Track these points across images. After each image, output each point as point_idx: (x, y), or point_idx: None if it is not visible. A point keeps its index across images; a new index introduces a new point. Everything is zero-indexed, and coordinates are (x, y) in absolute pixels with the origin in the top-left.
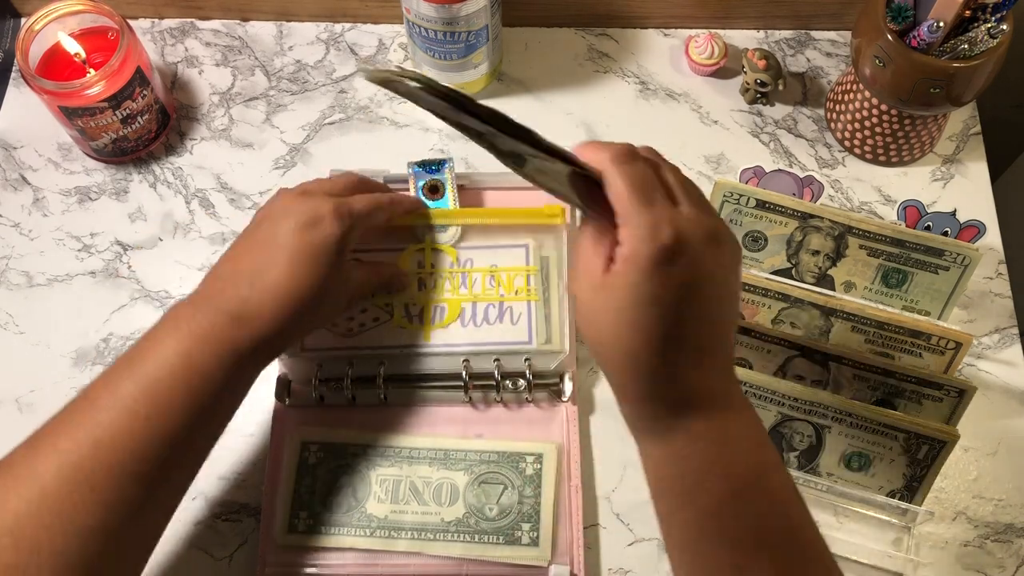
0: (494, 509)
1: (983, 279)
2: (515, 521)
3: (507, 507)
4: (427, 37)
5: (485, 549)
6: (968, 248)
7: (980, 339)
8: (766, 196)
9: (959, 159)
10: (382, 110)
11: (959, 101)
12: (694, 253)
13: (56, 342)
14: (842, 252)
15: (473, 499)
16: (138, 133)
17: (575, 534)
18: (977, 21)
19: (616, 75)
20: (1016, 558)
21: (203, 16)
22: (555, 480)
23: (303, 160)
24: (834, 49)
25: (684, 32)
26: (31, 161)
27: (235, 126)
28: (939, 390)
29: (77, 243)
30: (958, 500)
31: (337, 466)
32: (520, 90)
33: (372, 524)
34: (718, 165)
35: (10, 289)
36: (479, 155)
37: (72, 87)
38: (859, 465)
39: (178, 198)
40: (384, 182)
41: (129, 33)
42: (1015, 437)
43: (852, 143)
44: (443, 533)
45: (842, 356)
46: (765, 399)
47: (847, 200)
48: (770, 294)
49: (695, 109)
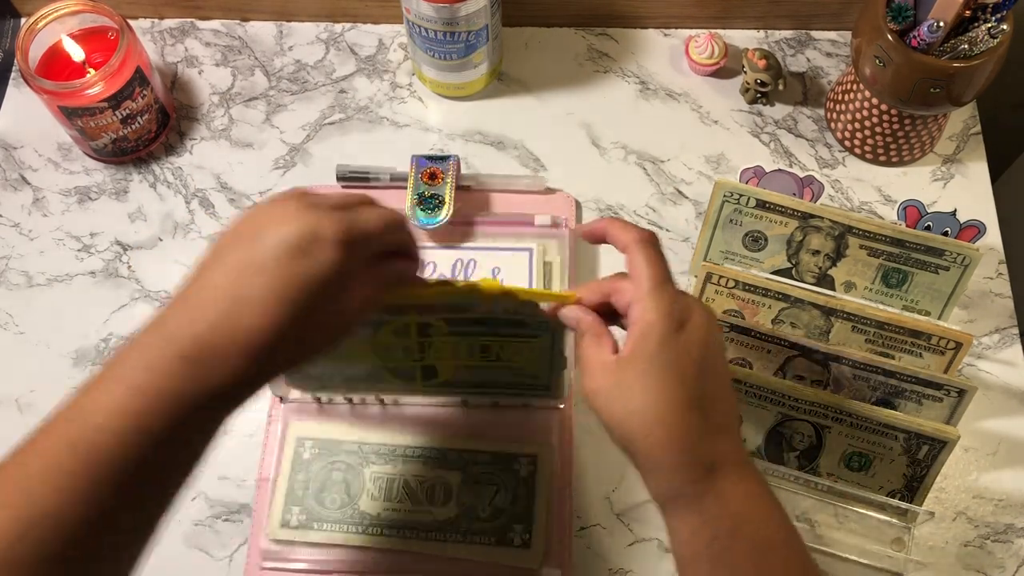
0: (487, 510)
1: (983, 279)
2: (507, 522)
3: (500, 508)
4: (427, 37)
5: (476, 550)
6: (968, 248)
7: (980, 339)
8: (766, 196)
9: (959, 159)
10: (382, 110)
11: (959, 101)
12: (704, 325)
13: (56, 342)
14: (842, 252)
15: (466, 499)
16: (138, 133)
17: (567, 537)
18: (977, 21)
19: (616, 75)
20: (1016, 558)
21: (203, 16)
22: (548, 482)
23: (303, 160)
24: (834, 49)
25: (684, 32)
26: (31, 161)
27: (235, 126)
28: (939, 390)
29: (77, 243)
30: (958, 500)
31: (331, 463)
32: (520, 90)
33: (365, 521)
34: (718, 165)
35: (10, 289)
36: (478, 157)
37: (72, 87)
38: (859, 465)
39: (178, 198)
40: (390, 179)
41: (129, 33)
42: (1015, 437)
43: (852, 143)
44: (435, 532)
45: (842, 356)
46: (765, 399)
47: (847, 200)
48: (770, 294)
49: (695, 109)
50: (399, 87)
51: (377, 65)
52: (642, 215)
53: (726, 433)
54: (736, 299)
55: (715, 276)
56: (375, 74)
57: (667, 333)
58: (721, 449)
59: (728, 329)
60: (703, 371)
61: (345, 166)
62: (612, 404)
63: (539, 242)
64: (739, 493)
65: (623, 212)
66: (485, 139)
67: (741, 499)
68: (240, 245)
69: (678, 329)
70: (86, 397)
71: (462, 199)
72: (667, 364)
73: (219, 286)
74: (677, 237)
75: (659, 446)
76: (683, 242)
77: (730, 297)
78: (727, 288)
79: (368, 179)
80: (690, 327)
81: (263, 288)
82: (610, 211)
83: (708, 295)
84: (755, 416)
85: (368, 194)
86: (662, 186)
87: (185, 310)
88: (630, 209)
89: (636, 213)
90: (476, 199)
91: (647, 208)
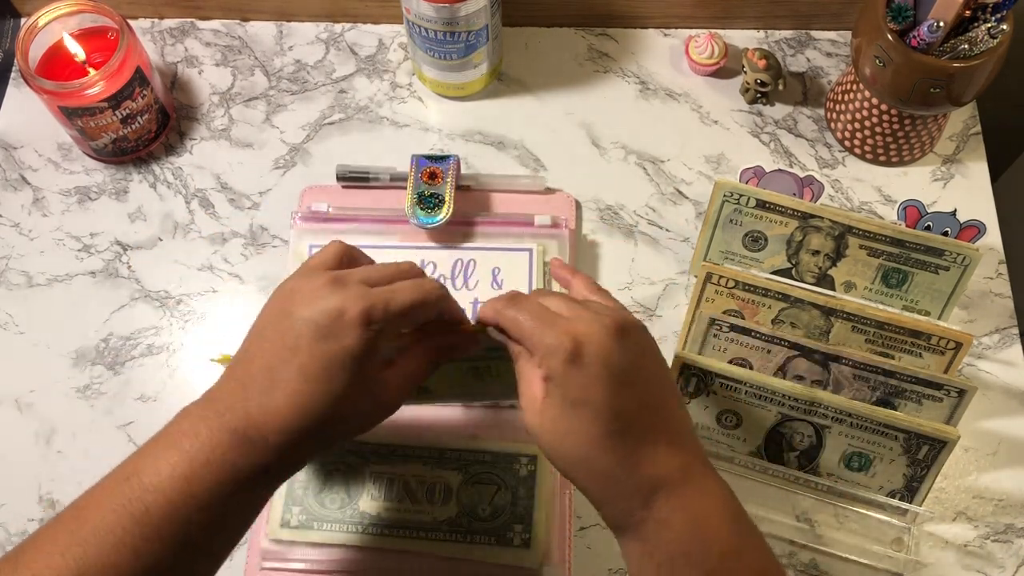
0: (487, 509)
1: (983, 279)
2: (507, 522)
3: (500, 508)
4: (427, 37)
5: (476, 550)
6: (968, 248)
7: (980, 339)
8: (766, 196)
9: (959, 159)
10: (382, 110)
11: (959, 101)
12: (599, 348)
13: (56, 342)
14: (842, 252)
15: (466, 499)
16: (138, 133)
17: (567, 537)
18: (977, 21)
19: (616, 75)
20: (1016, 558)
21: (203, 16)
22: (549, 482)
23: (303, 160)
24: (834, 49)
25: (684, 32)
26: (31, 161)
27: (235, 126)
28: (939, 390)
29: (77, 243)
30: (958, 500)
31: (331, 462)
32: (520, 90)
33: (365, 521)
34: (718, 165)
35: (10, 289)
36: (478, 157)
37: (72, 87)
38: (859, 465)
39: (178, 198)
40: (390, 179)
41: (129, 33)
42: (1015, 437)
43: (852, 143)
44: (435, 532)
45: (842, 356)
46: (765, 399)
47: (847, 200)
48: (770, 294)
49: (695, 109)
50: (399, 87)
51: (377, 65)
52: (642, 215)
53: (667, 445)
54: (736, 299)
55: (715, 276)
56: (375, 74)
57: (566, 373)
58: (660, 470)
59: (728, 329)
60: (616, 392)
61: (345, 166)
62: (543, 444)
63: (539, 242)
64: (681, 519)
65: (623, 212)
66: (485, 139)
67: (684, 524)
68: (276, 322)
69: (574, 361)
70: (141, 459)
71: (462, 199)
72: (576, 402)
73: (260, 365)
74: (677, 237)
75: (590, 484)
76: (683, 242)
77: (730, 297)
78: (727, 288)
79: (368, 179)
80: (588, 353)
81: (293, 368)
82: (610, 211)
83: (708, 295)
84: (755, 416)
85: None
86: (662, 186)
87: (233, 386)
88: (630, 209)
89: (636, 213)
90: (476, 199)
91: (647, 208)
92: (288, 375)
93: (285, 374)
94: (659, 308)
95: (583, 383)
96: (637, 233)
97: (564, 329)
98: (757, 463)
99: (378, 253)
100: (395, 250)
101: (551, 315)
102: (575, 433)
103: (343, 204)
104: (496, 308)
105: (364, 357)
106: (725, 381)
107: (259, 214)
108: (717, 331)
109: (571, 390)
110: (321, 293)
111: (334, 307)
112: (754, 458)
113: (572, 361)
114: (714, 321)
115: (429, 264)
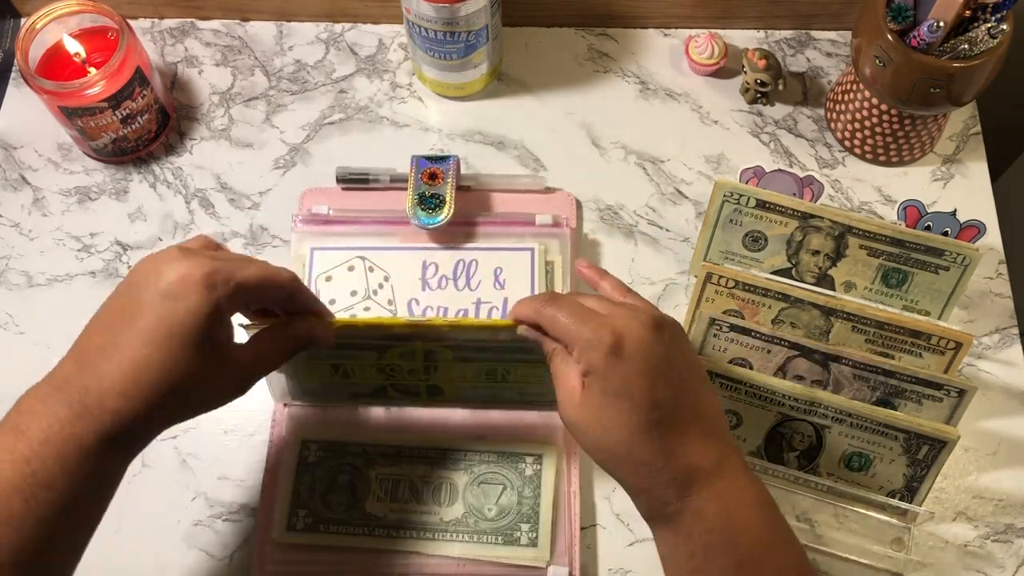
0: (493, 509)
1: (983, 279)
2: (514, 521)
3: (506, 507)
4: (427, 37)
5: (484, 549)
6: (968, 248)
7: (980, 339)
8: (766, 196)
9: (959, 159)
10: (382, 110)
11: (959, 101)
12: (638, 342)
13: (56, 342)
14: (842, 252)
15: (472, 499)
16: (138, 133)
17: (574, 535)
18: (977, 21)
19: (616, 75)
20: (1016, 558)
21: (203, 16)
22: (554, 481)
23: (303, 160)
24: (834, 49)
25: (684, 32)
26: (31, 161)
27: (235, 126)
28: (939, 390)
29: (77, 243)
30: (958, 500)
31: (337, 465)
32: (520, 90)
33: (371, 523)
34: (718, 165)
35: (10, 289)
36: (478, 157)
37: (72, 87)
38: (859, 465)
39: (178, 198)
40: (390, 180)
41: (129, 33)
42: (1015, 437)
43: (852, 143)
44: (442, 533)
45: (842, 356)
46: (765, 399)
47: (847, 200)
48: (770, 294)
49: (695, 109)
50: (399, 87)
51: (377, 65)
52: (642, 215)
53: (703, 436)
54: (736, 299)
55: (715, 276)
56: (375, 74)
57: (606, 366)
58: (696, 461)
59: (728, 329)
60: (655, 383)
61: (345, 168)
62: (582, 437)
63: (540, 242)
64: (715, 509)
65: (623, 212)
66: (485, 139)
67: (718, 515)
68: (121, 294)
69: (615, 354)
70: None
71: (462, 199)
72: (617, 393)
73: (105, 334)
74: (677, 237)
75: (629, 474)
76: (683, 242)
77: (730, 297)
78: (727, 288)
79: (368, 180)
80: (627, 347)
81: (138, 332)
82: (610, 211)
83: (708, 295)
84: (755, 416)
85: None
86: (662, 186)
87: (71, 361)
88: (630, 209)
89: (636, 213)
90: (476, 199)
91: (647, 208)
92: (128, 339)
93: (125, 339)
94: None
95: (624, 375)
96: (637, 233)
97: (603, 324)
98: (757, 463)
99: (380, 255)
100: (397, 251)
101: (589, 312)
102: (616, 425)
103: (343, 206)
104: (535, 307)
105: (208, 321)
106: (725, 381)
107: (259, 214)
108: (717, 331)
109: (612, 382)
110: (167, 259)
111: (179, 271)
112: (754, 458)
113: (613, 354)
114: (714, 321)
115: (431, 265)
